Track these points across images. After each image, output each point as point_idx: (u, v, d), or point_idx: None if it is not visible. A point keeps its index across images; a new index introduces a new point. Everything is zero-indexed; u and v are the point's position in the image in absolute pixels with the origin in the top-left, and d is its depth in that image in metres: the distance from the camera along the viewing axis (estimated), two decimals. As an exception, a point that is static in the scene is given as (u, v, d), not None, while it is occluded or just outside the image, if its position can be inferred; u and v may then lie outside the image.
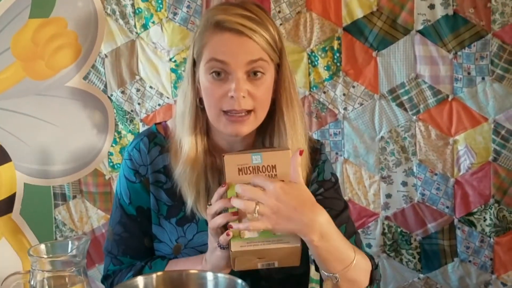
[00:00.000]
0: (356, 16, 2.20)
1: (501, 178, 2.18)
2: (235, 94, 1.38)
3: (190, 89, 1.47)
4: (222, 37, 1.39)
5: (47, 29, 1.49)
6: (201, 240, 1.51)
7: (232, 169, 1.29)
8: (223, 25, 1.39)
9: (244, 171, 1.29)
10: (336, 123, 2.27)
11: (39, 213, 2.17)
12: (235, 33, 1.39)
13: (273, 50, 1.42)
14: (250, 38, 1.39)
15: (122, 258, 1.56)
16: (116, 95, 2.36)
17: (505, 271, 2.24)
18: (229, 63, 1.39)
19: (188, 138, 1.48)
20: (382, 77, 2.22)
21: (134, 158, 1.54)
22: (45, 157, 1.66)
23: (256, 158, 1.29)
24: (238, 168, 1.29)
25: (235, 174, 1.30)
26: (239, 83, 1.38)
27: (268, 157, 1.30)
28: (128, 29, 2.31)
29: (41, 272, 1.16)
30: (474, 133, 2.19)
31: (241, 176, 1.29)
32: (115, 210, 1.58)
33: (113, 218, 1.58)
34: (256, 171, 1.29)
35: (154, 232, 1.55)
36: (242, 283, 1.19)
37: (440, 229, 2.26)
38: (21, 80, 1.50)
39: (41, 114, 1.55)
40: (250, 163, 1.29)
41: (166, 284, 1.23)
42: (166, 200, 1.53)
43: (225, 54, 1.39)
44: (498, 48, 2.12)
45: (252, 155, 1.29)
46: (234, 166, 1.29)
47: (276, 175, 1.29)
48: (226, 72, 1.40)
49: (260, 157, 1.29)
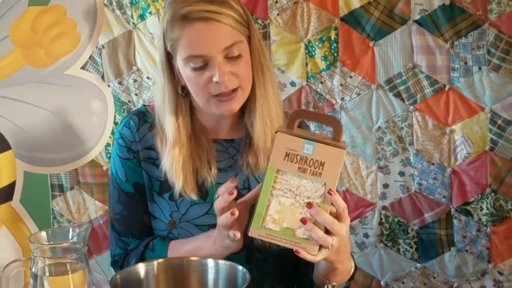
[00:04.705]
0: (353, 6, 2.20)
1: (497, 168, 2.19)
2: (220, 79, 1.41)
3: (168, 81, 1.50)
4: (192, 29, 1.41)
5: (46, 17, 1.49)
6: (195, 213, 1.53)
7: (280, 150, 1.22)
8: (190, 16, 1.41)
9: (291, 158, 1.22)
10: (333, 113, 2.27)
11: (37, 204, 2.17)
12: (203, 21, 1.41)
13: (242, 25, 1.45)
14: (219, 21, 1.41)
15: (126, 239, 1.58)
16: (113, 85, 2.35)
17: (501, 260, 2.25)
18: (206, 55, 1.42)
19: (171, 127, 1.50)
20: (379, 67, 2.22)
21: (126, 135, 1.56)
22: (44, 145, 1.66)
23: (308, 148, 1.21)
24: (286, 152, 1.22)
25: (280, 157, 1.22)
26: (220, 68, 1.41)
27: (320, 151, 1.21)
28: (125, 20, 2.31)
29: (42, 259, 1.17)
30: (470, 122, 2.19)
31: (285, 162, 1.22)
32: (112, 191, 1.59)
33: (111, 199, 1.60)
34: (302, 162, 1.22)
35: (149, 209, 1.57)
36: (243, 269, 1.20)
37: (437, 219, 2.26)
38: (21, 68, 1.49)
39: (41, 102, 1.55)
40: (300, 152, 1.21)
41: (167, 271, 1.24)
42: (158, 176, 1.55)
43: (200, 47, 1.41)
44: (494, 37, 2.12)
45: (305, 142, 1.21)
46: (283, 148, 1.22)
47: (320, 174, 1.22)
48: (205, 61, 1.43)
49: (313, 148, 1.21)
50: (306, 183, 1.23)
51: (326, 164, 1.21)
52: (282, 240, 1.25)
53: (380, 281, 2.35)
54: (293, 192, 1.24)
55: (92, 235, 2.41)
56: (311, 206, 1.23)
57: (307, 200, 1.24)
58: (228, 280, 1.22)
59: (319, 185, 1.23)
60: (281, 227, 1.24)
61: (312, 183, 1.23)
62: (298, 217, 1.24)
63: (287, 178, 1.23)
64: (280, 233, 1.24)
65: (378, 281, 2.35)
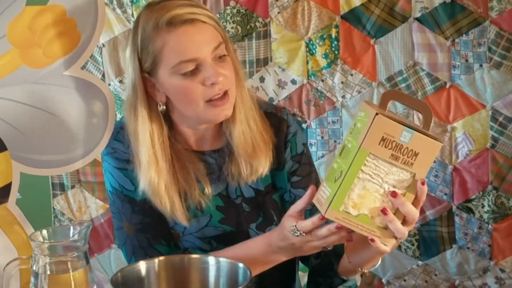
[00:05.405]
0: (354, 4, 2.20)
1: (499, 165, 2.19)
2: (215, 79, 1.37)
3: (142, 100, 1.43)
4: (179, 33, 1.37)
5: (44, 17, 1.47)
6: (196, 227, 1.49)
7: (376, 133, 1.14)
8: (175, 21, 1.37)
9: (386, 144, 1.15)
10: (334, 111, 2.27)
11: (37, 203, 2.16)
12: (189, 24, 1.38)
13: (218, 25, 1.43)
14: (203, 22, 1.39)
15: (158, 246, 1.47)
16: (114, 84, 2.35)
17: (503, 257, 2.25)
18: (198, 57, 1.38)
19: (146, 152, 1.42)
20: (380, 64, 2.22)
21: (119, 148, 1.49)
22: (43, 146, 1.64)
23: (405, 136, 1.15)
24: (383, 136, 1.15)
25: (376, 140, 1.15)
26: (213, 68, 1.38)
27: (417, 141, 1.15)
28: (125, 18, 2.31)
29: (43, 257, 1.16)
30: (472, 120, 2.19)
31: (380, 146, 1.15)
32: (122, 206, 1.49)
33: (124, 215, 1.49)
34: (397, 149, 1.15)
35: None
36: (244, 267, 1.19)
37: (439, 216, 2.26)
38: (17, 68, 1.48)
39: (38, 103, 1.53)
40: (397, 139, 1.15)
41: (168, 268, 1.24)
42: None
43: (191, 50, 1.38)
44: (495, 35, 2.12)
45: (404, 130, 1.15)
46: (380, 131, 1.14)
47: (412, 165, 1.17)
48: (197, 65, 1.38)
49: (410, 136, 1.15)
50: (395, 171, 1.18)
51: (420, 155, 1.16)
52: (358, 226, 1.19)
53: (382, 279, 2.35)
54: (381, 179, 1.18)
55: (93, 233, 2.41)
56: (396, 195, 1.17)
57: (392, 189, 1.18)
58: (229, 277, 1.22)
59: (407, 175, 1.18)
60: (359, 213, 1.18)
61: (401, 172, 1.18)
62: (378, 205, 1.19)
63: (377, 163, 1.17)
64: (357, 219, 1.18)
65: (379, 278, 2.35)
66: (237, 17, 2.23)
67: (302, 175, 1.55)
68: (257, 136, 1.48)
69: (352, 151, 1.17)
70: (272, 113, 1.56)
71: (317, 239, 1.26)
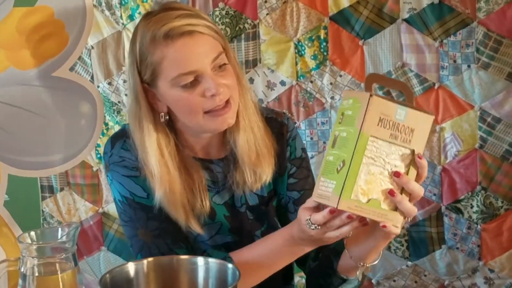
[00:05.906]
0: (342, 5, 2.21)
1: (487, 165, 2.20)
2: (215, 91, 1.37)
3: (146, 111, 1.43)
4: (177, 45, 1.37)
5: (32, 18, 1.47)
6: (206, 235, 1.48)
7: (374, 115, 1.15)
8: (172, 33, 1.36)
9: (384, 124, 1.16)
10: (323, 112, 2.28)
11: (26, 206, 2.15)
12: (187, 36, 1.37)
13: (219, 35, 1.42)
14: (202, 33, 1.38)
15: (178, 250, 1.45)
16: (103, 86, 2.35)
17: (492, 257, 2.26)
18: (197, 70, 1.37)
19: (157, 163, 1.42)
20: (369, 65, 2.22)
21: (127, 157, 1.47)
22: (31, 148, 1.64)
23: (400, 113, 1.16)
24: (380, 117, 1.15)
25: (374, 122, 1.15)
26: (213, 80, 1.37)
27: (411, 117, 1.17)
28: (114, 20, 2.31)
29: (31, 259, 1.16)
30: (460, 120, 2.20)
31: (378, 127, 1.16)
32: (135, 214, 1.47)
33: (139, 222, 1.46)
34: (394, 128, 1.16)
35: None
36: (233, 267, 1.19)
37: (428, 217, 2.27)
38: (5, 70, 1.47)
39: (26, 105, 1.53)
40: (393, 117, 1.16)
41: (157, 270, 1.24)
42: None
43: (190, 63, 1.37)
44: (483, 36, 2.13)
45: (398, 108, 1.16)
46: (377, 112, 1.15)
47: (410, 141, 1.18)
48: (196, 77, 1.38)
49: (405, 113, 1.16)
50: (395, 150, 1.18)
51: (415, 131, 1.18)
52: (370, 212, 1.19)
53: (371, 280, 2.36)
54: (383, 160, 1.18)
55: (82, 236, 2.40)
56: (399, 175, 1.18)
57: (394, 168, 1.19)
58: (218, 278, 1.22)
59: (407, 153, 1.19)
60: (369, 198, 1.18)
61: (401, 151, 1.19)
62: (384, 187, 1.19)
63: (378, 145, 1.17)
64: (368, 205, 1.18)
65: (369, 279, 2.35)
66: (226, 19, 2.23)
67: (299, 178, 1.55)
68: (260, 143, 1.48)
69: (351, 139, 1.17)
70: (272, 118, 1.57)
71: (332, 230, 1.26)
